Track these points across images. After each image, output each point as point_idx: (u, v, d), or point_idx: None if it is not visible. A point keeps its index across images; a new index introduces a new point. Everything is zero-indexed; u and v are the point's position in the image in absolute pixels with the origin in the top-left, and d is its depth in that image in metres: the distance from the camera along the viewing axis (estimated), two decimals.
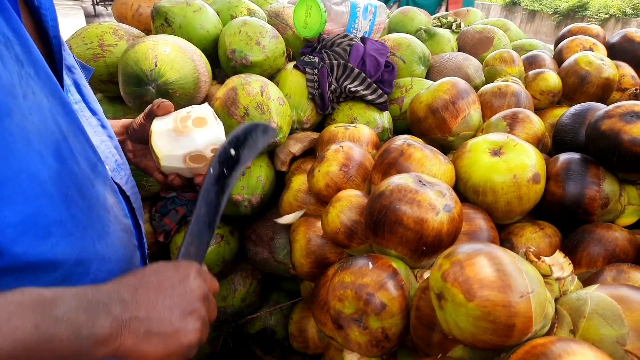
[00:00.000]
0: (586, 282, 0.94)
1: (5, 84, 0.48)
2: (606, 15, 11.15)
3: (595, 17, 11.23)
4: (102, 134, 0.75)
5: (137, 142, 0.92)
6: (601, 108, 1.16)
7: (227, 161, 0.80)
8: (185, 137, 0.81)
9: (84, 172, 0.61)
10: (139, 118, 0.89)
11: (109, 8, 11.75)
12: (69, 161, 0.57)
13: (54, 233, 0.55)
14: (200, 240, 0.72)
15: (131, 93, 1.40)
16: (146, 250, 0.88)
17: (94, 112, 0.75)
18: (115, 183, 0.73)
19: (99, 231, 0.64)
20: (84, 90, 0.75)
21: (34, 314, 0.45)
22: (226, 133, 0.84)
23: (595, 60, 1.50)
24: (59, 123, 0.57)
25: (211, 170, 0.76)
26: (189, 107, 0.87)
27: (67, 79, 0.69)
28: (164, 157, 0.82)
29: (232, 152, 0.80)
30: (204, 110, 0.86)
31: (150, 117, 0.87)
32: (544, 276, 0.74)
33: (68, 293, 0.50)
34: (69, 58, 0.73)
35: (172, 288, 0.57)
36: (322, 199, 1.23)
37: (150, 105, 0.86)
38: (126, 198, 0.78)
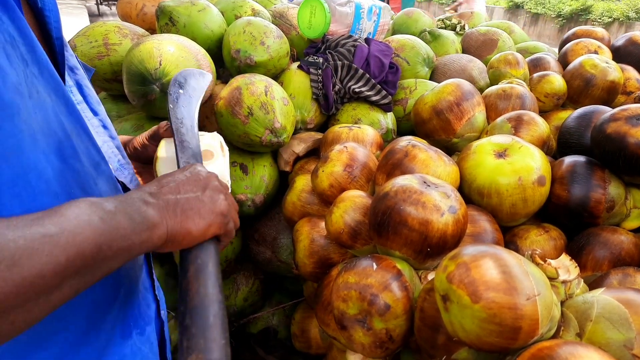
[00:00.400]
0: (592, 285, 0.94)
1: (13, 83, 0.48)
2: (609, 19, 11.13)
3: (599, 20, 11.21)
4: (103, 134, 0.75)
5: (134, 160, 0.92)
6: (607, 111, 1.15)
7: (180, 97, 0.84)
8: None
9: (87, 171, 0.61)
10: (142, 138, 0.90)
11: (113, 7, 11.77)
12: (71, 160, 0.57)
13: None
14: (194, 156, 0.76)
15: (135, 92, 1.40)
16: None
17: (95, 113, 0.75)
18: (120, 182, 0.73)
19: None
20: (86, 90, 0.75)
21: (94, 210, 0.48)
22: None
23: (600, 63, 1.50)
24: (62, 122, 0.57)
25: (170, 105, 0.81)
26: (199, 133, 0.88)
27: (69, 80, 0.69)
28: None
29: (180, 91, 0.85)
30: (212, 142, 0.87)
31: (155, 138, 0.87)
32: (550, 279, 0.74)
33: (104, 198, 0.52)
34: (71, 59, 0.72)
35: (185, 178, 0.64)
36: (325, 200, 1.22)
37: (156, 127, 0.87)
38: None
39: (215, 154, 0.85)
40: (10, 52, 0.49)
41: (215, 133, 0.90)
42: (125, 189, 0.76)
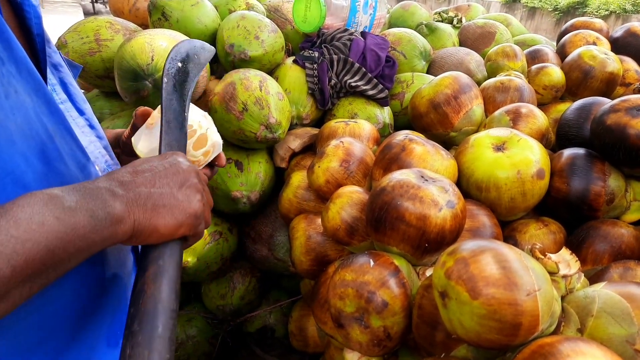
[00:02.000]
0: (592, 279, 0.92)
1: None
2: (606, 12, 11.09)
3: (596, 13, 11.17)
4: (90, 134, 0.72)
5: (126, 155, 0.89)
6: (606, 102, 1.14)
7: (178, 73, 0.80)
8: (156, 129, 0.79)
9: (72, 174, 0.58)
10: (127, 130, 0.87)
11: (108, 6, 11.70)
12: (55, 162, 0.55)
13: None
14: (178, 142, 0.73)
15: (127, 88, 1.38)
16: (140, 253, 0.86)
17: (81, 112, 0.71)
18: None
19: None
20: (71, 89, 0.71)
21: (50, 209, 0.45)
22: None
23: (599, 54, 1.48)
24: (44, 123, 0.54)
25: (165, 79, 0.77)
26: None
27: (52, 78, 0.66)
28: (145, 153, 0.80)
29: (180, 65, 0.81)
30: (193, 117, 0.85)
31: (135, 128, 0.85)
32: (551, 273, 0.72)
33: (68, 188, 0.49)
34: (54, 56, 0.69)
35: (164, 169, 0.60)
36: (322, 196, 1.21)
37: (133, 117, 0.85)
38: None
39: (197, 129, 0.82)
40: None
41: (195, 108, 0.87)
42: None
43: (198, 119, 0.82)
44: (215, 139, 0.83)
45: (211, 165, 0.85)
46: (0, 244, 0.40)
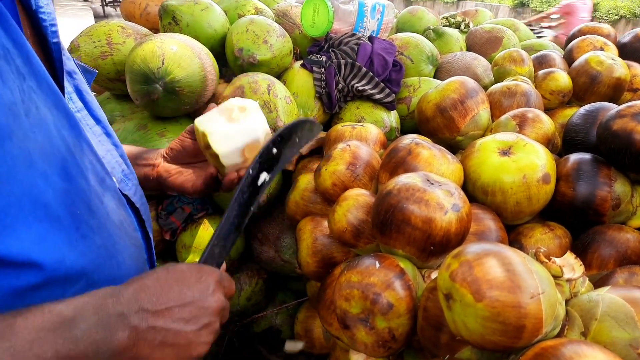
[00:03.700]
0: (597, 284, 0.93)
1: (6, 103, 0.44)
2: (616, 17, 11.04)
3: (605, 18, 11.12)
4: (107, 142, 0.70)
5: (173, 162, 0.89)
6: (613, 108, 1.14)
7: (268, 161, 0.76)
8: (239, 127, 0.77)
9: (92, 189, 0.57)
10: (180, 137, 0.87)
11: (118, 9, 11.82)
12: (76, 178, 0.54)
13: (66, 255, 0.52)
14: (225, 241, 0.71)
15: (138, 91, 1.40)
16: (155, 264, 0.85)
17: (97, 120, 0.70)
18: (124, 195, 0.70)
19: (110, 249, 0.61)
20: (86, 96, 0.70)
21: (55, 337, 0.45)
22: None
23: (606, 60, 1.48)
24: (65, 137, 0.53)
25: (250, 171, 0.73)
26: (225, 102, 0.82)
27: (68, 86, 0.65)
28: (225, 154, 0.78)
29: (274, 150, 0.77)
30: (239, 101, 0.82)
31: (190, 131, 0.85)
32: (555, 277, 0.73)
33: (89, 307, 0.49)
34: (69, 63, 0.68)
35: (192, 303, 0.57)
36: (328, 198, 1.22)
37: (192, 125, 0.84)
38: (134, 209, 0.74)
39: (249, 108, 0.79)
40: (4, 67, 0.45)
41: (231, 98, 0.83)
42: (129, 202, 0.72)
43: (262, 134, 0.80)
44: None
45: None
46: None
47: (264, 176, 0.75)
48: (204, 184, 0.86)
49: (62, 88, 0.61)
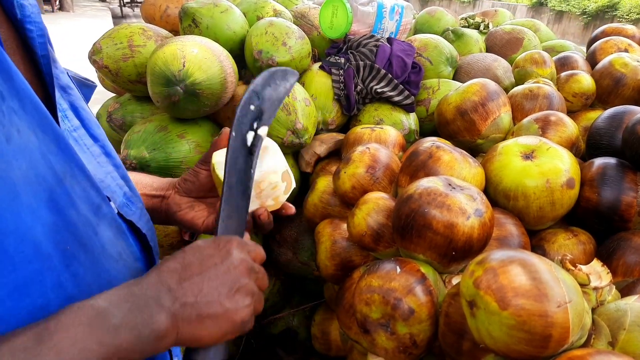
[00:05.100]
0: (623, 291, 0.91)
1: None
2: (638, 16, 10.81)
3: (626, 17, 10.89)
4: (106, 164, 0.64)
5: (186, 195, 0.83)
6: (638, 111, 1.12)
7: (250, 120, 0.72)
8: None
9: (85, 220, 0.52)
10: (195, 167, 0.83)
11: (136, 9, 11.97)
12: (66, 210, 0.49)
13: (52, 300, 0.47)
14: (237, 211, 0.68)
15: (159, 93, 1.42)
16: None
17: (95, 139, 0.63)
18: (127, 220, 0.64)
19: (105, 287, 0.53)
20: (83, 113, 0.63)
21: (94, 330, 0.44)
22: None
23: (630, 62, 1.45)
24: (52, 164, 0.47)
25: (233, 133, 0.69)
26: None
27: (62, 103, 0.58)
28: None
29: (252, 107, 0.72)
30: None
31: (206, 162, 0.81)
32: (581, 285, 0.71)
33: (117, 298, 0.48)
34: (62, 77, 0.61)
35: (214, 267, 0.56)
36: (347, 201, 1.22)
37: (206, 152, 0.81)
38: (138, 235, 0.68)
39: (270, 147, 0.78)
40: None
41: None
42: (133, 226, 0.66)
43: (276, 173, 0.78)
44: (283, 194, 0.80)
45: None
46: None
47: (251, 135, 0.72)
48: (216, 221, 0.79)
49: (54, 106, 0.55)
